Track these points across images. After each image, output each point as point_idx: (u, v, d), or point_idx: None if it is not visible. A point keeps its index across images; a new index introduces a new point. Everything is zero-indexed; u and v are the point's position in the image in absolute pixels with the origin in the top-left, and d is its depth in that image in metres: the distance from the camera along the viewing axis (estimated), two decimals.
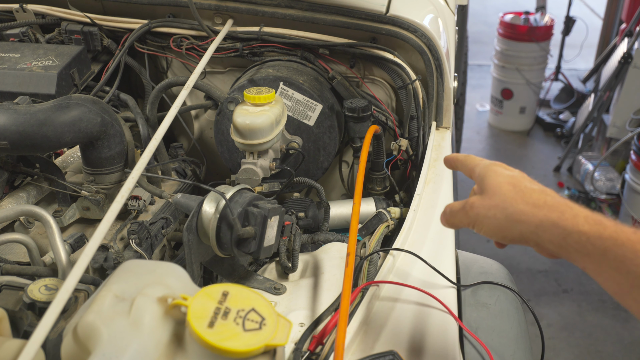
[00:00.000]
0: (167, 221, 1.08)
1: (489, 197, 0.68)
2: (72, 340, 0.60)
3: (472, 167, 0.74)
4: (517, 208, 0.64)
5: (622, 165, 3.48)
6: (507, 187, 0.67)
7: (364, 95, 1.32)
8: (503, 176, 0.68)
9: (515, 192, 0.66)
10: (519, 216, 0.64)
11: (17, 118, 0.95)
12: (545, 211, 0.62)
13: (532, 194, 0.65)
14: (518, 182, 0.67)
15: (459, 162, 0.79)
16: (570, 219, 0.60)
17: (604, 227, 0.57)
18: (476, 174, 0.73)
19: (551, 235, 0.61)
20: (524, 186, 0.66)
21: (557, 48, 4.52)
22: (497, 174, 0.69)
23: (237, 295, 0.62)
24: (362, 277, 0.92)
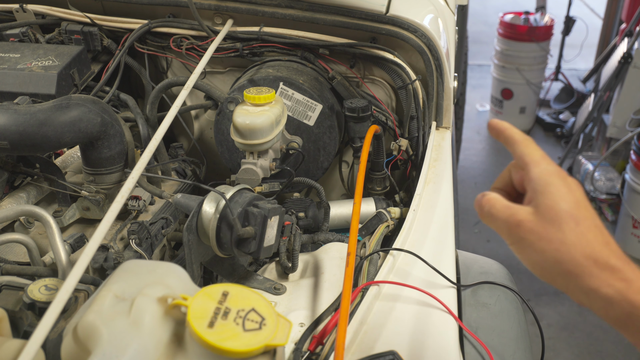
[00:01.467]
0: (167, 221, 1.09)
1: (543, 224, 0.55)
2: (72, 340, 0.60)
3: (528, 163, 0.61)
4: (574, 257, 0.53)
5: (622, 165, 3.48)
6: (570, 222, 0.54)
7: (364, 95, 1.32)
8: (566, 202, 0.55)
9: (576, 235, 0.54)
10: (574, 268, 0.53)
11: (17, 118, 0.95)
12: (608, 276, 0.52)
13: (594, 245, 0.53)
14: (583, 218, 0.55)
15: (512, 141, 0.65)
16: (638, 292, 0.50)
17: None
18: (532, 177, 0.59)
19: (609, 307, 0.51)
20: (588, 228, 0.54)
21: (557, 48, 4.52)
22: (561, 197, 0.56)
23: (237, 295, 0.62)
24: (362, 277, 0.92)
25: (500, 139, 0.67)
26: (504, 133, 0.66)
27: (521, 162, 0.62)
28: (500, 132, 0.67)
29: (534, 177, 0.59)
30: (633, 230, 3.06)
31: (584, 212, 0.56)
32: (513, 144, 0.64)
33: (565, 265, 0.54)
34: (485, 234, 3.26)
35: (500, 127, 0.67)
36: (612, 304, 0.51)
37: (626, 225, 3.10)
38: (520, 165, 0.63)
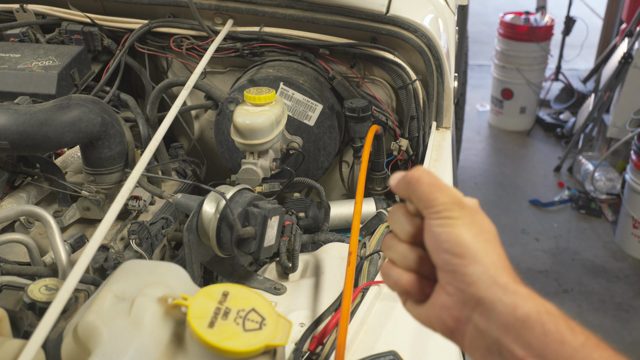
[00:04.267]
0: (167, 221, 1.08)
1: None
2: (72, 340, 0.60)
3: (431, 200, 0.54)
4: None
5: (622, 166, 3.48)
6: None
7: (364, 95, 1.32)
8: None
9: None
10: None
11: (18, 118, 0.95)
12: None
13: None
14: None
15: (413, 187, 0.55)
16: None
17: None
18: (434, 219, 0.53)
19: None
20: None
21: (558, 48, 4.52)
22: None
23: (237, 295, 0.62)
24: (362, 277, 0.92)
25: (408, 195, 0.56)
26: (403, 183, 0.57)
27: (425, 204, 0.54)
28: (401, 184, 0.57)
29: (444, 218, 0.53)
30: (633, 230, 3.06)
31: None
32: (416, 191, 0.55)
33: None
34: None
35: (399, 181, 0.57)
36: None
37: (626, 225, 3.10)
38: (421, 209, 0.55)
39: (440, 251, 0.53)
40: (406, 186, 0.56)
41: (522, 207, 3.55)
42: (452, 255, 0.52)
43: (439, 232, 0.53)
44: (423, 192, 0.54)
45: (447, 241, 0.52)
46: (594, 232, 3.32)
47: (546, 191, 3.70)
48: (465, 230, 0.53)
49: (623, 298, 2.83)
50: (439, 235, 0.53)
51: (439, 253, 0.53)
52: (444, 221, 0.53)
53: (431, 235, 0.54)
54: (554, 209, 3.53)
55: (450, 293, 0.52)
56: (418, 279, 0.57)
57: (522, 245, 3.20)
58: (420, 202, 0.55)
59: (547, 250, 3.16)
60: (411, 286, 0.57)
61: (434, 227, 0.53)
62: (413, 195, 0.55)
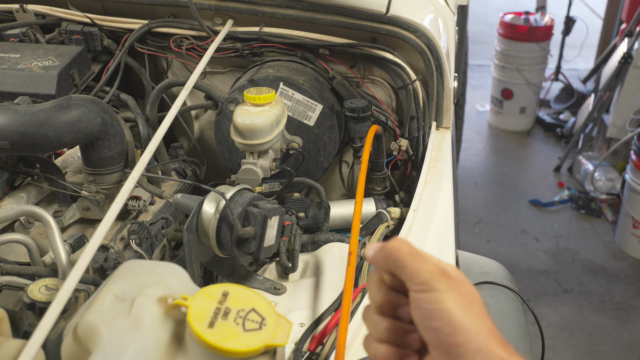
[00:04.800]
0: (167, 221, 1.08)
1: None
2: (72, 340, 0.60)
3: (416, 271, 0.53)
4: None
5: (622, 166, 3.48)
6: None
7: (364, 96, 1.32)
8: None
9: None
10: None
11: (18, 118, 0.95)
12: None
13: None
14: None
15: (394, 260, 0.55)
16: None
17: None
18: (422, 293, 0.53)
19: None
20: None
21: (557, 48, 4.52)
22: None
23: (237, 295, 0.62)
24: (362, 277, 0.92)
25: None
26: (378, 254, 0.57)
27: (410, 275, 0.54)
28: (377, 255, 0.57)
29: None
30: (633, 230, 3.06)
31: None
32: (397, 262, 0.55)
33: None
34: (485, 234, 3.26)
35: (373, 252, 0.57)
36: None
37: (626, 225, 3.10)
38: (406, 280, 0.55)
39: (430, 329, 0.52)
40: (385, 258, 0.55)
41: (522, 207, 3.55)
42: (444, 335, 0.51)
43: (429, 309, 0.52)
44: (405, 263, 0.54)
45: (438, 319, 0.51)
46: (594, 232, 3.32)
47: (546, 191, 3.70)
48: (456, 306, 0.52)
49: (623, 298, 2.83)
50: (430, 313, 0.52)
51: (430, 330, 0.52)
52: (432, 295, 0.52)
53: (420, 311, 0.52)
54: (554, 209, 3.53)
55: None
56: (394, 351, 0.56)
57: (522, 245, 3.20)
58: (403, 274, 0.54)
59: (547, 250, 3.16)
60: (388, 359, 0.56)
61: (422, 304, 0.52)
62: (394, 267, 0.54)
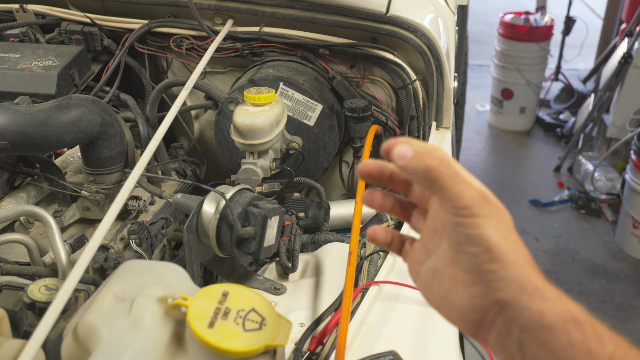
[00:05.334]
0: (167, 221, 1.08)
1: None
2: (72, 340, 0.60)
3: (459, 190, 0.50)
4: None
5: (622, 165, 3.48)
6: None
7: (364, 95, 1.32)
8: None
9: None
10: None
11: (17, 118, 0.95)
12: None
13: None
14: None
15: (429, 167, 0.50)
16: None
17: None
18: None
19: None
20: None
21: (557, 48, 4.52)
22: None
23: (237, 295, 0.62)
24: (362, 277, 0.92)
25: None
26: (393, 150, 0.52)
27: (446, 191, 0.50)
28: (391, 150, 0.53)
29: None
30: (633, 230, 3.06)
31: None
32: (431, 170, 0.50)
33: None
34: None
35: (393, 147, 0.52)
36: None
37: (626, 225, 3.10)
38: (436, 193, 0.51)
39: (466, 253, 0.49)
40: (421, 175, 0.50)
41: (522, 207, 3.55)
42: (480, 261, 0.48)
43: (467, 234, 0.49)
44: (445, 185, 0.49)
45: (477, 245, 0.48)
46: (594, 232, 3.32)
47: (546, 191, 3.70)
48: (496, 232, 0.49)
49: (623, 298, 2.83)
50: (468, 238, 0.49)
51: (465, 255, 0.49)
52: (473, 221, 0.49)
53: (457, 235, 0.49)
54: (554, 209, 3.53)
55: (473, 296, 0.49)
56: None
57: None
58: (441, 194, 0.50)
59: (547, 250, 3.16)
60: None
61: (461, 228, 0.49)
62: (431, 186, 0.50)
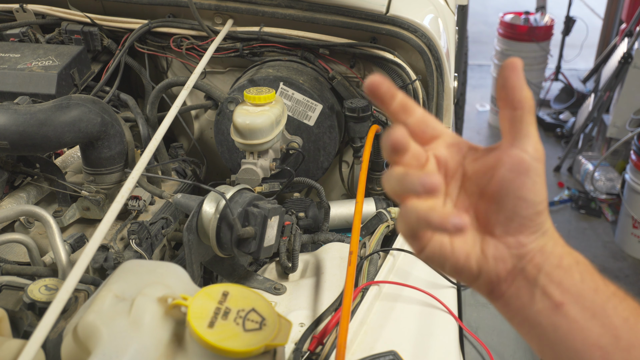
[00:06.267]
0: (167, 221, 1.08)
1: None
2: (72, 340, 0.60)
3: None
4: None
5: (622, 165, 3.48)
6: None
7: (364, 95, 1.32)
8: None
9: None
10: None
11: (17, 118, 0.95)
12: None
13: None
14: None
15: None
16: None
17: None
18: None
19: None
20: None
21: (557, 48, 4.52)
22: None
23: (237, 295, 0.62)
24: (362, 277, 0.92)
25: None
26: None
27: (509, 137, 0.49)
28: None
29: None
30: (633, 230, 3.06)
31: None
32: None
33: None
34: None
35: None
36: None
37: (626, 225, 3.10)
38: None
39: (524, 200, 0.48)
40: (512, 100, 0.49)
41: None
42: (534, 212, 0.48)
43: (532, 181, 0.48)
44: (524, 120, 0.48)
45: (538, 193, 0.48)
46: (594, 232, 3.32)
47: None
48: (544, 184, 0.49)
49: None
50: (533, 185, 0.48)
51: (522, 201, 0.48)
52: (539, 167, 0.48)
53: (521, 179, 0.48)
54: (554, 209, 3.53)
55: (511, 245, 0.49)
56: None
57: None
58: (518, 127, 0.48)
59: None
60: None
61: (531, 174, 0.48)
62: (512, 122, 0.48)
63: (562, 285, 0.48)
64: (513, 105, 0.49)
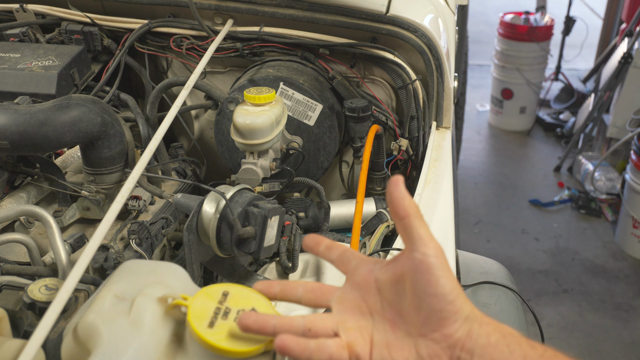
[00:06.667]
0: (167, 221, 1.08)
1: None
2: (72, 340, 0.60)
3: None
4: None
5: (622, 165, 3.48)
6: None
7: (364, 95, 1.32)
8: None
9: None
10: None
11: (17, 118, 0.95)
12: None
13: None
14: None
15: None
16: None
17: None
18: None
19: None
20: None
21: (557, 48, 4.52)
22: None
23: (237, 295, 0.62)
24: None
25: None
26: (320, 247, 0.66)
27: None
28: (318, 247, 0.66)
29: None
30: (633, 230, 3.06)
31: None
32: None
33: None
34: (485, 234, 3.26)
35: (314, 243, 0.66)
36: None
37: (626, 225, 3.10)
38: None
39: (431, 296, 0.53)
40: (396, 214, 0.56)
41: (522, 207, 3.55)
42: (446, 302, 0.53)
43: (436, 277, 0.53)
44: (412, 225, 0.55)
45: (444, 285, 0.53)
46: (594, 232, 3.32)
47: (546, 191, 3.70)
48: (450, 274, 0.54)
49: (623, 298, 2.83)
50: (437, 280, 0.53)
51: (433, 297, 0.53)
52: (439, 262, 0.53)
53: (426, 277, 0.53)
54: (554, 209, 3.53)
55: (438, 340, 0.53)
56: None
57: (522, 245, 3.20)
58: (405, 230, 0.55)
59: (547, 250, 3.16)
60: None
61: (434, 270, 0.53)
62: (403, 228, 0.55)
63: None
64: (400, 215, 0.56)
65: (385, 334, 0.56)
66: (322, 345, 0.55)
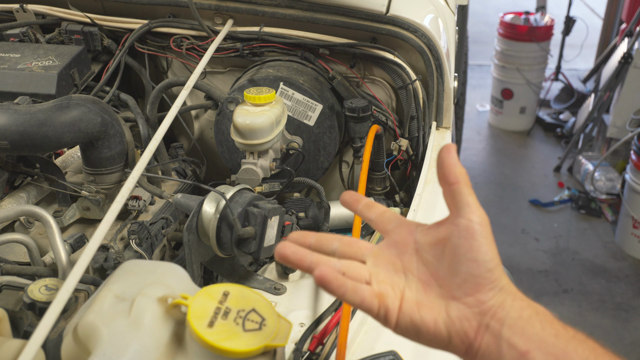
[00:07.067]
0: (167, 221, 1.08)
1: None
2: (72, 340, 0.60)
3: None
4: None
5: (622, 165, 3.48)
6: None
7: (364, 95, 1.32)
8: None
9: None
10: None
11: (18, 118, 0.95)
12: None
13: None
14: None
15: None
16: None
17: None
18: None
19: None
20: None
21: (557, 48, 4.52)
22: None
23: (237, 295, 0.62)
24: None
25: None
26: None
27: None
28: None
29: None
30: (633, 230, 3.06)
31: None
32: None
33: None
34: None
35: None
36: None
37: (626, 225, 3.10)
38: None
39: (471, 261, 0.53)
40: (446, 180, 0.57)
41: (522, 207, 3.55)
42: (486, 270, 0.53)
43: (481, 242, 0.54)
44: (462, 191, 0.56)
45: (486, 253, 0.53)
46: (594, 232, 3.32)
47: (546, 191, 3.70)
48: (492, 244, 0.55)
49: (623, 298, 2.83)
50: (480, 246, 0.54)
51: (473, 262, 0.53)
52: (484, 230, 0.54)
53: (471, 242, 0.54)
54: (554, 209, 3.53)
55: (471, 305, 0.54)
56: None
57: (522, 245, 3.20)
58: (462, 201, 0.56)
59: (547, 250, 3.16)
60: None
61: (478, 237, 0.54)
62: (452, 194, 0.56)
63: (525, 335, 0.52)
64: (450, 180, 0.57)
65: (417, 293, 0.56)
66: (357, 287, 0.55)
